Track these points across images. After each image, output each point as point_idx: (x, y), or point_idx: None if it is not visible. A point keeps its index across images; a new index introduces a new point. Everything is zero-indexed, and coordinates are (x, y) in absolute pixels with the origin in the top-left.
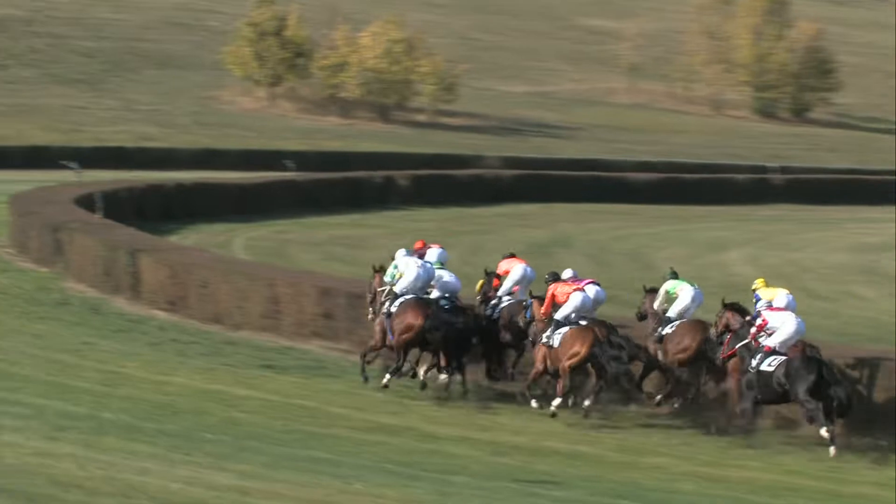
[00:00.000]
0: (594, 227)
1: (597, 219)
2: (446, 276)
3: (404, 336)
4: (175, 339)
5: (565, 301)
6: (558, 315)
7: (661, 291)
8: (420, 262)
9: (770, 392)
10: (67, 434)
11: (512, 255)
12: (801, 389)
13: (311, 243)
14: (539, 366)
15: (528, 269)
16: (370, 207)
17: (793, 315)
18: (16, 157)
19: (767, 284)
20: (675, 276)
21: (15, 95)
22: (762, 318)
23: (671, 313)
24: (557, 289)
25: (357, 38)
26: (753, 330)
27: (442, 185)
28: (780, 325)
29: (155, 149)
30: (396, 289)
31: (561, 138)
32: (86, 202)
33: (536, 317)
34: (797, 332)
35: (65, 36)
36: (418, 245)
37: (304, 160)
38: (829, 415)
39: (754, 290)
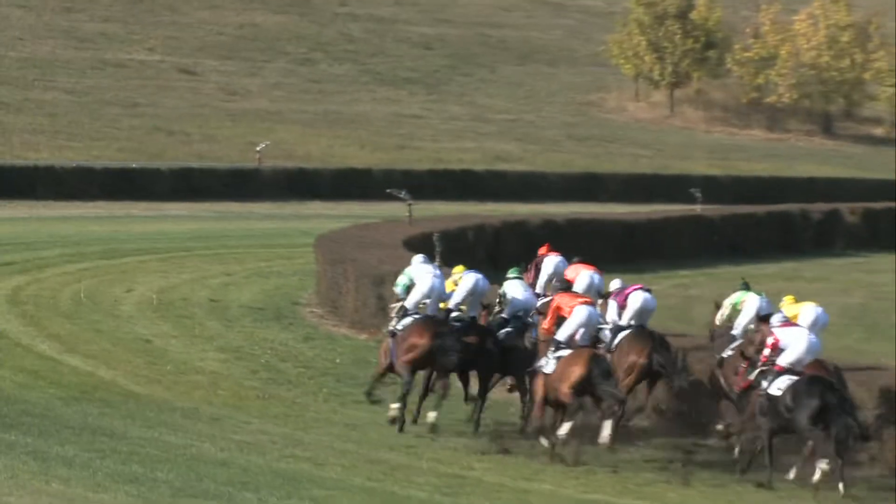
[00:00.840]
0: None
1: None
2: (515, 289)
3: (408, 356)
4: None
5: (569, 316)
6: (559, 334)
7: (725, 304)
8: (437, 271)
9: (780, 419)
10: None
11: (580, 262)
12: (803, 416)
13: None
14: (539, 398)
15: (597, 276)
16: (807, 253)
17: (806, 331)
18: (324, 184)
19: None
20: (745, 287)
21: (323, 99)
22: (773, 337)
23: (736, 330)
24: (562, 301)
25: (790, 22)
26: (766, 351)
27: None
28: (791, 342)
29: (514, 173)
30: (407, 303)
31: None
32: (420, 245)
33: (541, 337)
34: (809, 350)
35: (392, 20)
36: (542, 251)
37: (717, 188)
38: (838, 447)
39: (780, 308)
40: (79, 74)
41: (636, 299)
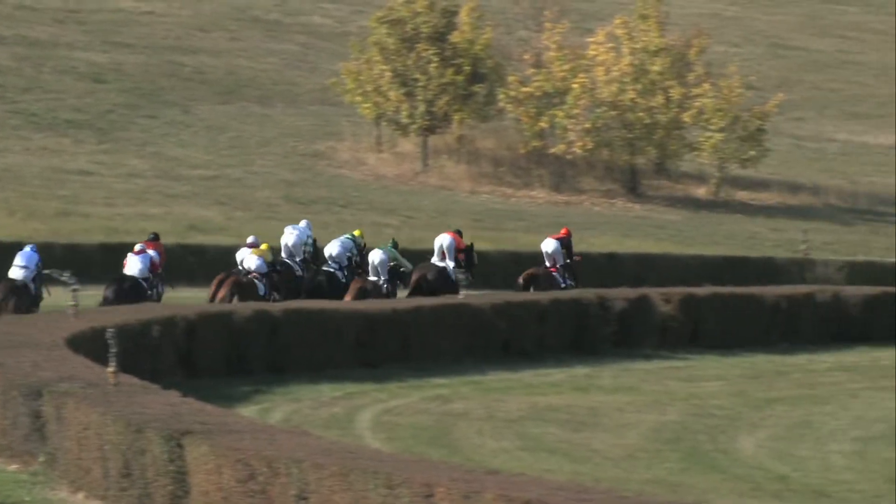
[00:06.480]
0: None
1: None
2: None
3: None
4: None
5: None
6: None
7: None
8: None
9: None
10: None
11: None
12: None
13: (498, 418)
14: None
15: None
16: (607, 354)
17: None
18: None
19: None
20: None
21: None
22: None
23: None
24: None
25: (583, 45)
26: None
27: (741, 310)
28: None
29: (212, 248)
30: None
31: None
32: (90, 345)
33: None
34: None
35: (51, 44)
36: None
37: (485, 266)
38: None
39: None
40: None
41: None
